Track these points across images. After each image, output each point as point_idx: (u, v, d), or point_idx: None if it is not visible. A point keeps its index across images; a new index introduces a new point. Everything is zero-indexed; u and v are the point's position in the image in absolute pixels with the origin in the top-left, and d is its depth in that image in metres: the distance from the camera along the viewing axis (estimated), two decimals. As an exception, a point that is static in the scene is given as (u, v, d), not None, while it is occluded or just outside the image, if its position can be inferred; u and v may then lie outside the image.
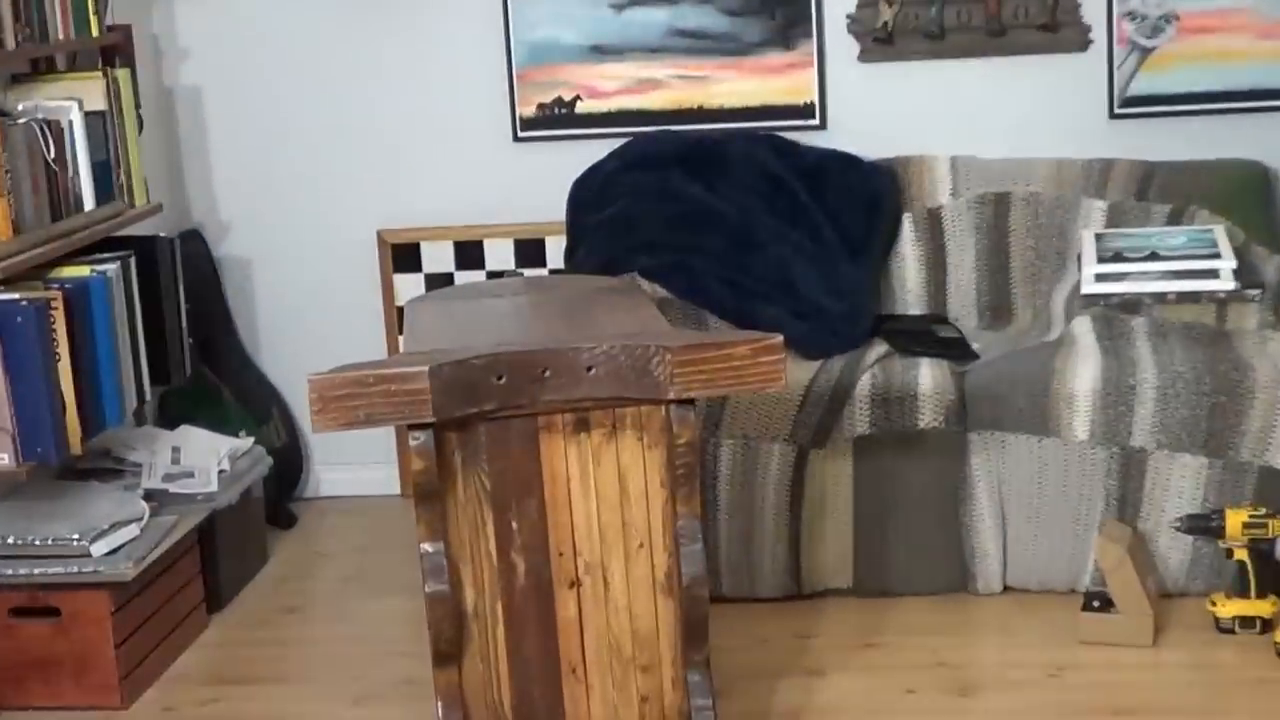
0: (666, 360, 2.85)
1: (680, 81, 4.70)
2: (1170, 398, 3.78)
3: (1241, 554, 3.69)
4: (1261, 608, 3.70)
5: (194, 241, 4.80)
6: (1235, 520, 3.68)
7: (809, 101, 4.67)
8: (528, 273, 4.75)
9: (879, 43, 4.63)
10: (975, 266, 4.51)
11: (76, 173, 3.98)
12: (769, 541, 3.96)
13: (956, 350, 4.18)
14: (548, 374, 2.88)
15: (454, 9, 4.75)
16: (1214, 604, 3.74)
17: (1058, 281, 4.41)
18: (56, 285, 3.71)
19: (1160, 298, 4.09)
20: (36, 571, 3.67)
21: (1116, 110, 4.58)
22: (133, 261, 3.98)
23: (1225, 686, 3.54)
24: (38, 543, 3.68)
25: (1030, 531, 3.93)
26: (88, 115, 4.00)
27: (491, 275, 4.80)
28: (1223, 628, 3.72)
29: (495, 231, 4.80)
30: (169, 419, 4.56)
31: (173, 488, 4.10)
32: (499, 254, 4.81)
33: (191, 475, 4.15)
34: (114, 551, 3.70)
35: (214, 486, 4.14)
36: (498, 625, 2.97)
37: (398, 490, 4.93)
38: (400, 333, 4.74)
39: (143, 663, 3.79)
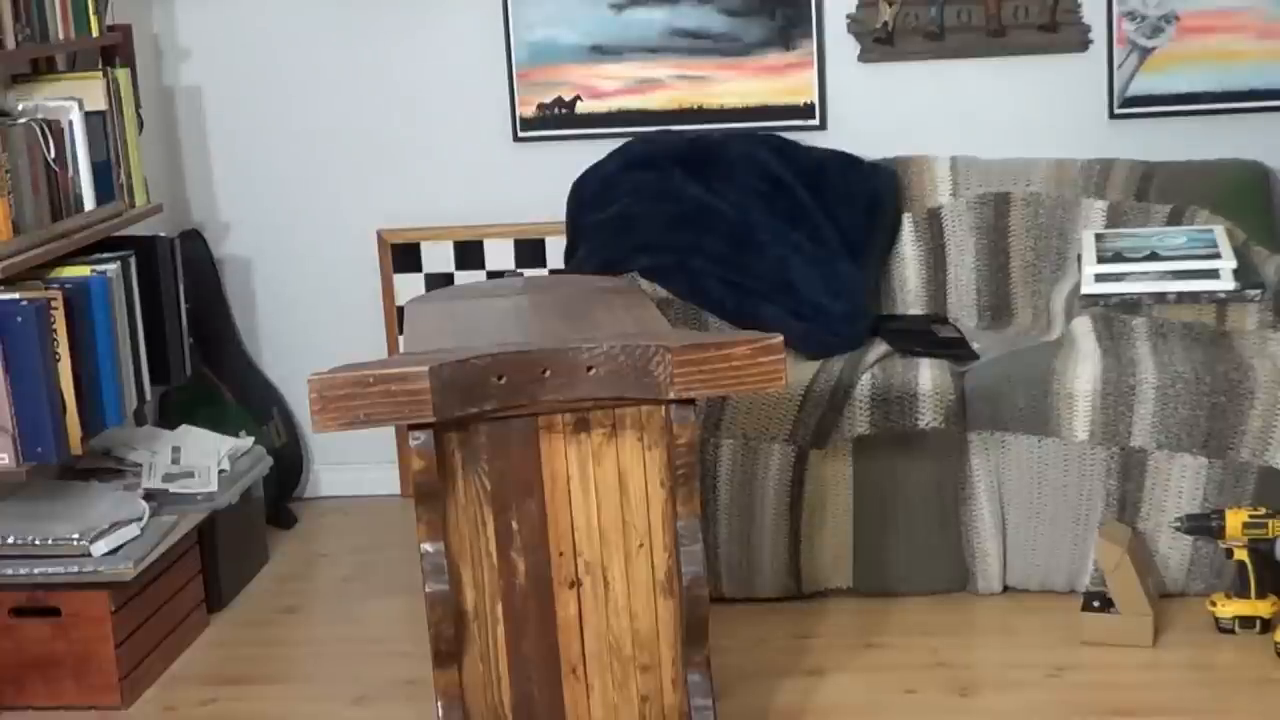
0: (666, 360, 2.85)
1: (680, 81, 4.71)
2: (1170, 398, 3.78)
3: (1241, 554, 3.69)
4: (1261, 608, 3.70)
5: (194, 241, 4.80)
6: (1235, 520, 3.68)
7: (809, 101, 4.67)
8: (528, 273, 4.75)
9: (879, 43, 4.63)
10: (975, 266, 4.51)
11: (76, 173, 3.98)
12: (769, 541, 3.96)
13: (956, 350, 4.18)
14: (548, 374, 2.88)
15: (454, 9, 4.75)
16: (1214, 604, 3.74)
17: (1058, 281, 4.41)
18: (56, 285, 3.71)
19: (1160, 298, 4.09)
20: (36, 571, 3.67)
21: (1116, 110, 4.58)
22: (133, 261, 3.98)
23: (1225, 686, 3.54)
24: (38, 543, 3.68)
25: (1030, 531, 3.93)
26: (88, 115, 4.00)
27: (491, 275, 4.80)
28: (1223, 628, 3.72)
29: (495, 231, 4.80)
30: (169, 419, 4.57)
31: (173, 488, 4.10)
32: (499, 254, 4.81)
33: (191, 475, 4.14)
34: (114, 551, 3.70)
35: (214, 486, 4.14)
36: (498, 625, 2.97)
37: (398, 490, 4.93)
38: (400, 333, 4.74)
39: (143, 663, 3.79)
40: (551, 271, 4.75)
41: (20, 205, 3.72)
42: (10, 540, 3.69)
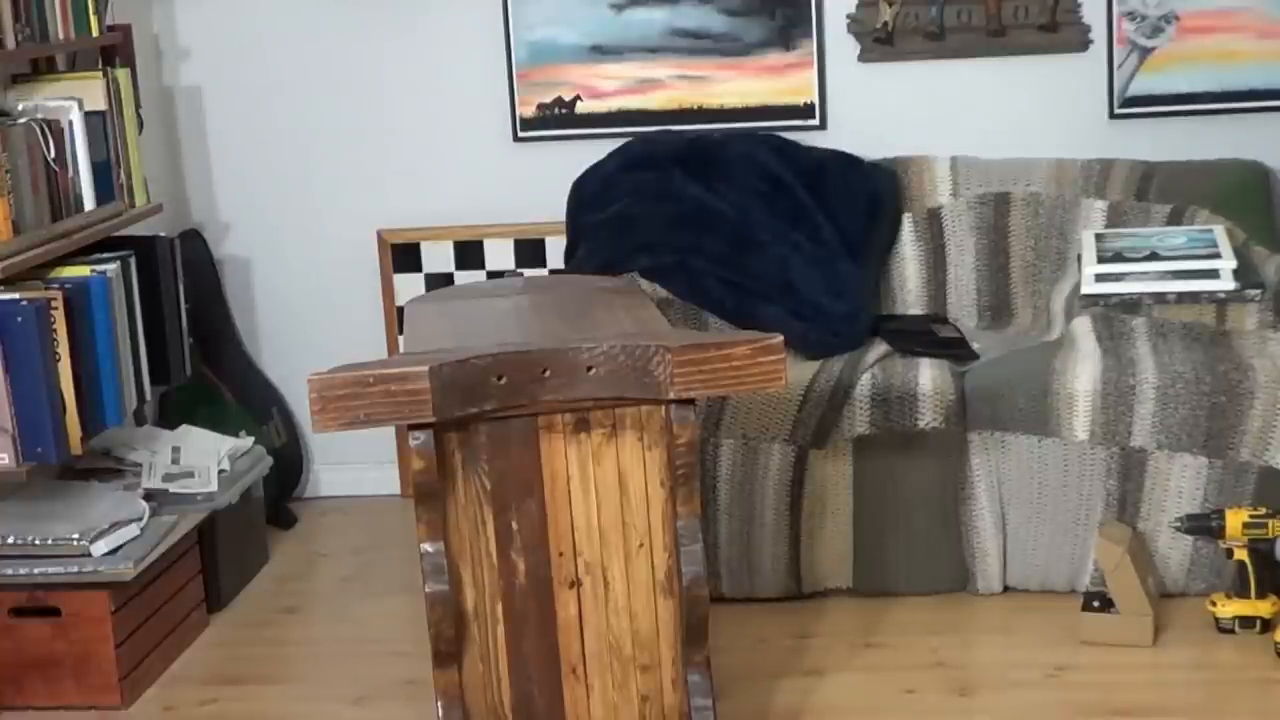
0: (666, 360, 2.85)
1: (680, 81, 4.71)
2: (1170, 398, 3.78)
3: (1241, 554, 3.69)
4: (1261, 608, 3.70)
5: (194, 241, 4.80)
6: (1235, 520, 3.68)
7: (809, 101, 4.67)
8: (528, 273, 4.75)
9: (879, 43, 4.63)
10: (975, 266, 4.51)
11: (76, 173, 3.98)
12: (769, 541, 3.96)
13: (956, 350, 4.18)
14: (548, 374, 2.88)
15: (454, 9, 4.75)
16: (1214, 604, 3.74)
17: (1058, 281, 4.41)
18: (56, 285, 3.71)
19: (1160, 298, 4.09)
20: (36, 571, 3.67)
21: (1116, 110, 4.58)
22: (133, 261, 3.98)
23: (1225, 686, 3.54)
24: (38, 543, 3.68)
25: (1030, 531, 3.93)
26: (88, 115, 4.00)
27: (491, 275, 4.80)
28: (1223, 628, 3.72)
29: (495, 231, 4.80)
30: (169, 419, 4.57)
31: (173, 488, 4.10)
32: (499, 254, 4.81)
33: (191, 475, 4.14)
34: (114, 551, 3.70)
35: (214, 486, 4.14)
36: (498, 625, 2.97)
37: (398, 490, 4.93)
38: (400, 333, 4.74)
39: (143, 663, 3.79)
40: (551, 271, 4.75)
41: (20, 205, 3.72)
42: (10, 540, 3.69)
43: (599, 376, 2.88)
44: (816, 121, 4.68)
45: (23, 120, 3.85)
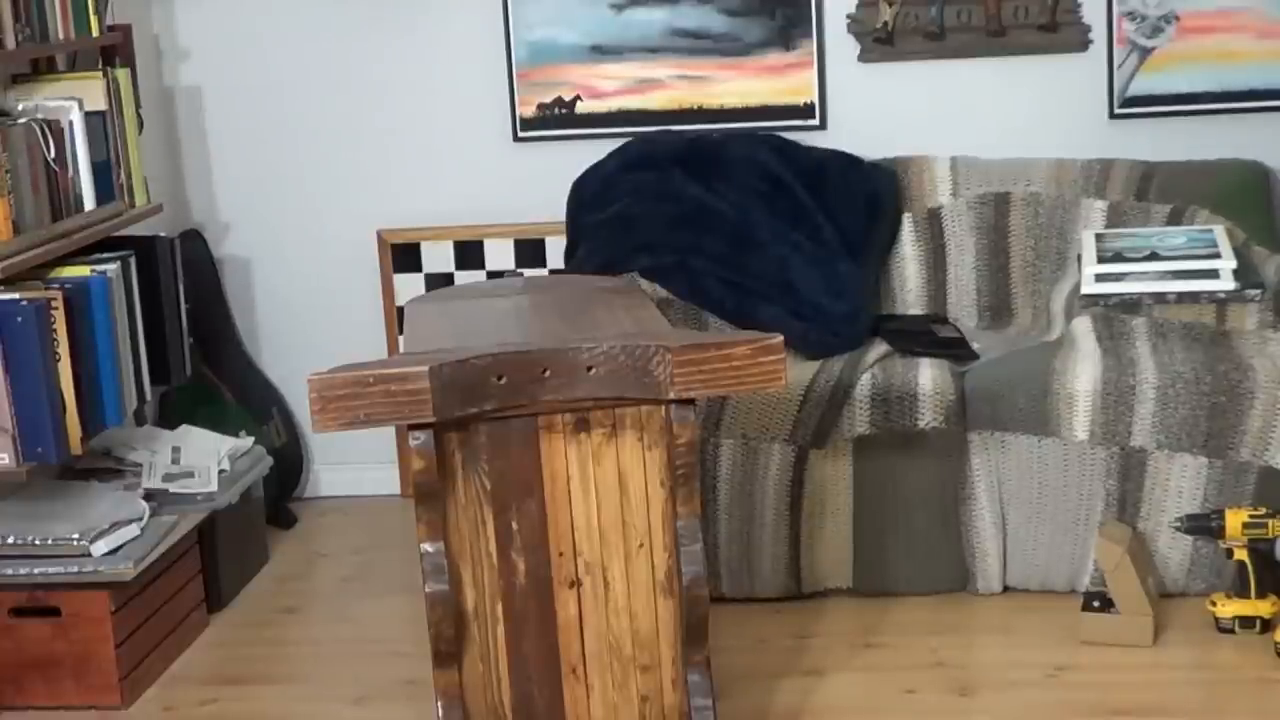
0: (666, 360, 2.85)
1: (680, 81, 4.71)
2: (1170, 398, 3.78)
3: (1241, 554, 3.69)
4: (1261, 608, 3.70)
5: (194, 241, 4.80)
6: (1235, 520, 3.68)
7: (809, 101, 4.67)
8: (528, 273, 4.75)
9: (879, 43, 4.63)
10: (975, 266, 4.51)
11: (76, 173, 3.98)
12: (769, 541, 3.96)
13: (956, 350, 4.18)
14: (548, 374, 2.88)
15: (454, 9, 4.75)
16: (1214, 604, 3.74)
17: (1058, 281, 4.41)
18: (56, 285, 3.71)
19: (1160, 298, 4.09)
20: (36, 571, 3.67)
21: (1116, 110, 4.58)
22: (133, 261, 3.98)
23: (1225, 686, 3.54)
24: (38, 543, 3.68)
25: (1030, 531, 3.93)
26: (88, 115, 4.00)
27: (491, 275, 4.80)
28: (1223, 628, 3.72)
29: (495, 231, 4.80)
30: (169, 419, 4.57)
31: (173, 488, 4.10)
32: (499, 254, 4.81)
33: (191, 475, 4.14)
34: (114, 551, 3.70)
35: (214, 486, 4.14)
36: (498, 625, 2.97)
37: (398, 490, 4.93)
38: (400, 333, 4.74)
39: (143, 663, 3.79)
40: (551, 271, 4.75)
41: (20, 205, 3.72)
42: (10, 540, 3.69)
43: (599, 376, 2.88)
44: (816, 121, 4.68)
45: (23, 120, 3.85)
